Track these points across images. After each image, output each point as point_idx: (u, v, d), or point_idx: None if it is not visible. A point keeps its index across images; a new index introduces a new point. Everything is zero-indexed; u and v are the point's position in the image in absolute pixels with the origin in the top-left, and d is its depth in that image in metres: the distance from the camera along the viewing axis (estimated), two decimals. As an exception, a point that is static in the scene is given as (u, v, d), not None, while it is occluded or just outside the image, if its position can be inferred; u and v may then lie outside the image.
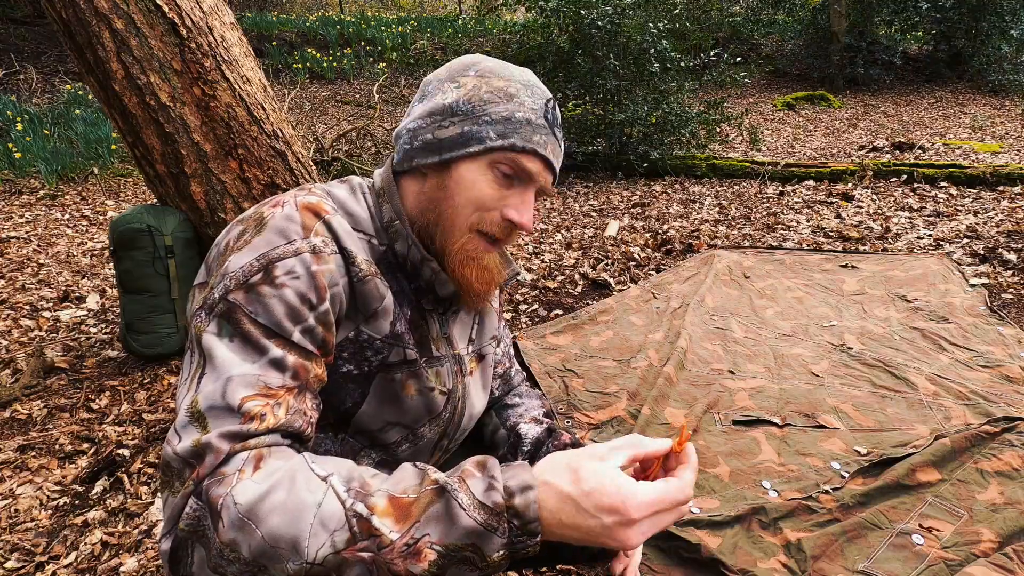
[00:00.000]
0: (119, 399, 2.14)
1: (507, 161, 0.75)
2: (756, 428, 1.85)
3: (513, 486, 0.56)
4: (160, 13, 2.14)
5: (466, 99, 0.76)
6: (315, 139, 6.16)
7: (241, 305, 0.65)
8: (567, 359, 2.35)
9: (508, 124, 0.75)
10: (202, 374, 0.64)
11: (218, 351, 0.64)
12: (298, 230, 0.69)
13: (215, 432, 0.60)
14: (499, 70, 0.79)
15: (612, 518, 0.54)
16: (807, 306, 2.76)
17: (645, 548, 1.38)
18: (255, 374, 0.64)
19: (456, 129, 0.76)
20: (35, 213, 4.64)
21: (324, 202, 0.74)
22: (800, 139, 7.48)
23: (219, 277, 0.67)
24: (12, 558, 1.47)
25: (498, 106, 0.76)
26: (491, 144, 0.75)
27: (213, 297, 0.67)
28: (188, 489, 0.59)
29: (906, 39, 11.75)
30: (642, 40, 5.50)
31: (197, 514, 0.58)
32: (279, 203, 0.72)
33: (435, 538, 0.55)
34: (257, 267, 0.66)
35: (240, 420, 0.61)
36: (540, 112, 0.78)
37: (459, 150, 0.75)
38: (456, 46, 7.00)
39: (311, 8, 14.56)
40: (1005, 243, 3.32)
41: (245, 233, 0.70)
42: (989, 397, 1.91)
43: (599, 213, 4.69)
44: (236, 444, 0.60)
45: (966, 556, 1.31)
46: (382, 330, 0.78)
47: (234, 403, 0.62)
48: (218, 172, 2.29)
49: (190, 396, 0.63)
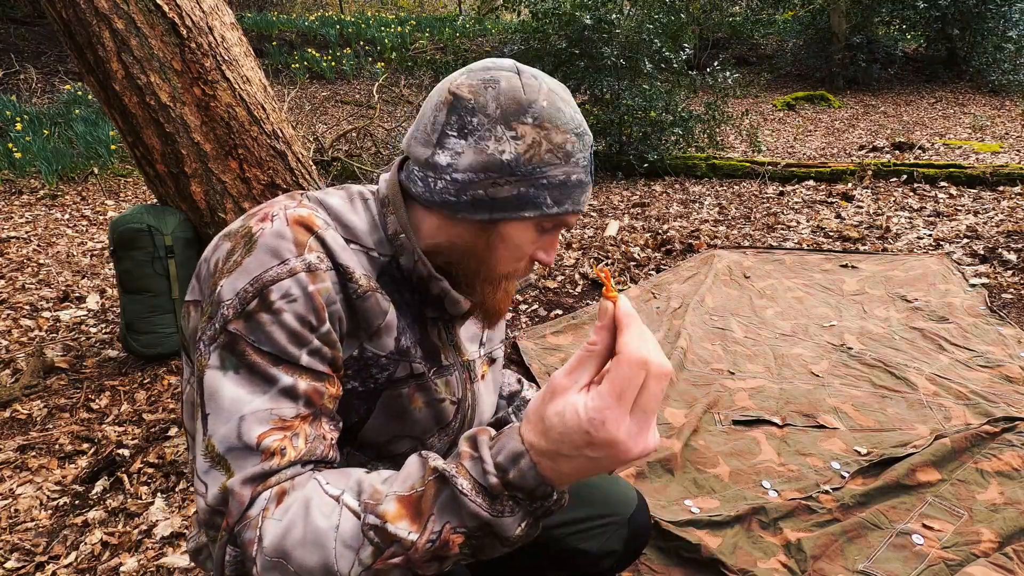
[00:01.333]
0: (119, 399, 2.14)
1: (555, 222, 0.75)
2: (756, 428, 1.85)
3: (503, 460, 0.55)
4: (160, 13, 2.14)
5: (527, 159, 0.71)
6: (315, 139, 6.16)
7: (242, 335, 0.63)
8: (567, 359, 2.34)
9: (564, 189, 0.73)
10: (208, 414, 0.63)
11: (225, 388, 0.63)
12: (290, 247, 0.66)
13: (238, 477, 0.60)
14: (554, 115, 0.72)
15: (591, 450, 0.50)
16: (807, 306, 2.76)
17: (645, 550, 1.38)
18: (267, 408, 0.62)
19: (512, 190, 0.71)
20: (35, 213, 4.64)
21: (315, 215, 0.71)
22: (800, 139, 7.48)
23: (214, 305, 0.65)
24: (12, 558, 1.47)
25: (557, 169, 0.72)
26: (547, 212, 0.73)
27: (214, 328, 0.65)
28: (223, 539, 0.59)
29: (905, 39, 11.76)
30: (638, 39, 5.50)
31: (238, 559, 0.59)
32: (267, 216, 0.69)
33: (455, 523, 0.55)
34: (252, 292, 0.64)
35: (260, 458, 0.60)
36: (588, 167, 0.75)
37: (513, 212, 0.72)
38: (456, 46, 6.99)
39: (311, 8, 14.56)
40: (1005, 243, 3.32)
41: (234, 253, 0.67)
42: (989, 397, 1.91)
43: (599, 213, 4.69)
44: (258, 485, 0.60)
45: (966, 556, 1.31)
46: (386, 347, 0.76)
47: (251, 442, 0.61)
48: (218, 172, 2.29)
49: (204, 440, 0.62)
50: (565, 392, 0.52)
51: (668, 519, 1.45)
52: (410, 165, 0.77)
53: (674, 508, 1.51)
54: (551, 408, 0.52)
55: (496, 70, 0.73)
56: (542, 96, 0.72)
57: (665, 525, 1.40)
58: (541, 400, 0.53)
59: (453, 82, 0.74)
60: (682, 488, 1.60)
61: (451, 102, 0.72)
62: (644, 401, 0.50)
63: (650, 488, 1.59)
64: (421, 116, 0.76)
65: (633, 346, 0.50)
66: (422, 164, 0.74)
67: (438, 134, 0.72)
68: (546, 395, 0.53)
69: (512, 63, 0.76)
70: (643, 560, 1.36)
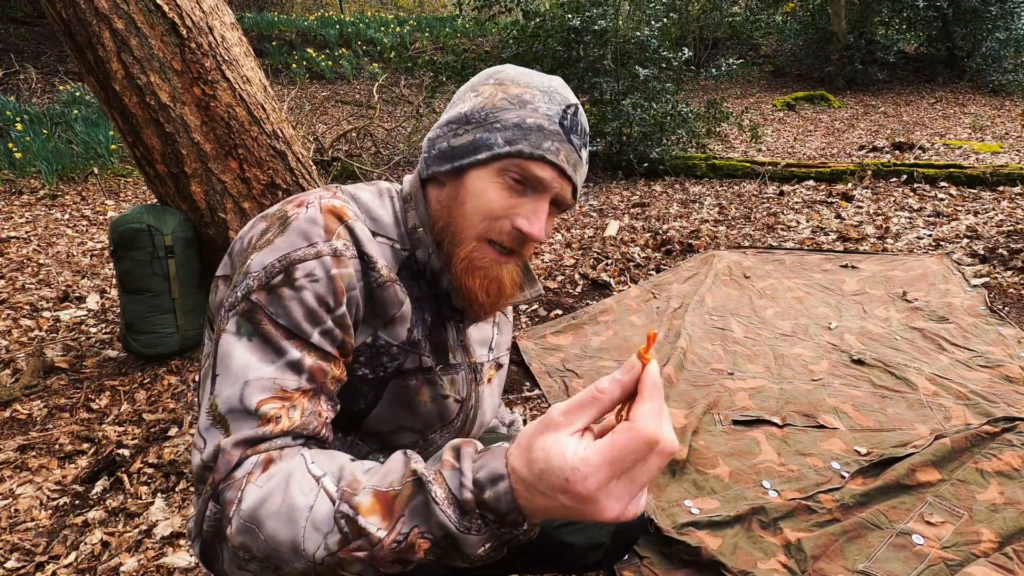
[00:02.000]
0: (119, 399, 2.14)
1: (515, 168, 0.73)
2: (756, 428, 1.85)
3: (482, 478, 0.54)
4: (160, 13, 2.14)
5: (480, 107, 0.76)
6: (315, 139, 6.16)
7: (263, 305, 0.66)
8: (567, 359, 2.35)
9: (518, 130, 0.74)
10: (217, 375, 0.65)
11: (236, 352, 0.65)
12: (320, 233, 0.70)
13: (232, 438, 0.62)
14: (520, 78, 0.77)
15: (565, 497, 0.49)
16: (807, 306, 2.76)
17: (646, 552, 1.38)
18: (271, 377, 0.64)
19: (468, 137, 0.75)
20: (35, 213, 4.64)
21: (347, 207, 0.74)
22: (800, 139, 7.48)
23: (241, 276, 0.68)
24: (12, 558, 1.47)
25: (510, 112, 0.75)
26: (498, 151, 0.73)
27: (235, 295, 0.68)
28: (207, 494, 0.61)
29: (905, 39, 11.76)
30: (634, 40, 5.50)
31: (216, 516, 0.60)
32: (303, 203, 0.72)
33: (423, 529, 0.55)
34: (278, 268, 0.67)
35: (257, 423, 0.62)
36: (555, 118, 0.75)
37: (469, 157, 0.75)
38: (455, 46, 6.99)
39: (311, 8, 14.56)
40: (1005, 243, 3.32)
41: (268, 232, 0.70)
42: (989, 397, 1.91)
43: (599, 213, 4.69)
44: (248, 449, 0.61)
45: (966, 556, 1.31)
46: (399, 336, 0.78)
47: (251, 406, 0.63)
48: (218, 172, 2.29)
49: (208, 398, 0.65)
50: (558, 429, 0.51)
51: (668, 521, 1.45)
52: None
53: (674, 509, 1.51)
54: (540, 441, 0.51)
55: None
56: (514, 69, 0.79)
57: (666, 531, 1.40)
58: (534, 429, 0.52)
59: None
60: (682, 489, 1.60)
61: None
62: (638, 473, 0.48)
63: (650, 489, 1.59)
64: None
65: (648, 421, 0.48)
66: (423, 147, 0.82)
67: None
68: (540, 426, 0.52)
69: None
70: (645, 564, 1.36)
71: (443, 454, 0.58)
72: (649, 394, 0.50)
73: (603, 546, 1.02)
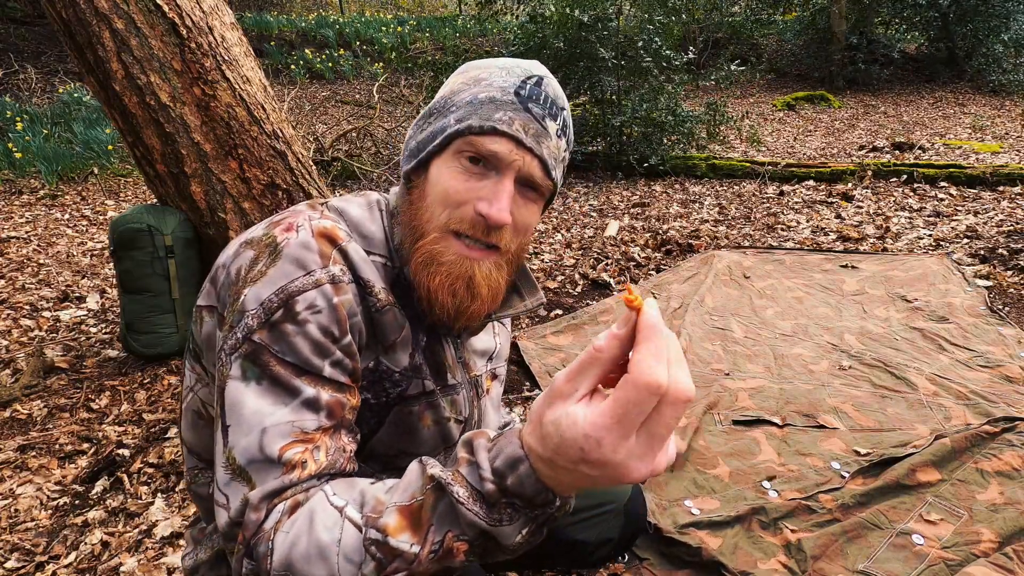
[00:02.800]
0: (119, 399, 2.14)
1: (468, 147, 0.67)
2: (756, 428, 1.85)
3: (500, 466, 0.52)
4: (160, 13, 2.14)
5: (441, 96, 0.73)
6: (315, 139, 6.16)
7: (266, 345, 0.62)
8: (567, 359, 2.34)
9: (469, 107, 0.69)
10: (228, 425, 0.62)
11: (246, 399, 0.61)
12: (315, 259, 0.65)
13: (258, 491, 0.59)
14: (485, 63, 0.73)
15: (586, 467, 0.46)
16: (807, 306, 2.76)
17: (646, 553, 1.38)
18: (289, 420, 0.61)
19: (430, 128, 0.72)
20: (35, 213, 4.64)
21: (338, 227, 0.70)
22: (800, 139, 7.48)
23: (237, 314, 0.64)
24: (12, 558, 1.47)
25: (464, 93, 0.70)
26: (449, 131, 0.68)
27: (235, 337, 0.63)
28: (240, 552, 0.59)
29: (905, 39, 11.76)
30: (637, 38, 5.50)
31: (255, 572, 0.58)
32: (292, 226, 0.67)
33: (456, 532, 0.53)
34: (277, 303, 0.63)
35: (282, 471, 0.59)
36: (510, 89, 0.69)
37: (428, 147, 0.71)
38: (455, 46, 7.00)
39: (311, 8, 14.55)
40: (1005, 243, 3.32)
41: (258, 262, 0.65)
42: (989, 397, 1.91)
43: (599, 213, 4.69)
44: (276, 499, 0.59)
45: (966, 556, 1.31)
46: (401, 362, 0.75)
47: (273, 455, 0.60)
48: (218, 172, 2.29)
49: (224, 452, 0.61)
50: (565, 399, 0.47)
51: (668, 521, 1.45)
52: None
53: (674, 509, 1.51)
54: (549, 414, 0.48)
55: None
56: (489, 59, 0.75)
57: (666, 531, 1.40)
58: (543, 402, 0.50)
59: None
60: (682, 488, 1.60)
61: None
62: (654, 426, 0.44)
63: (650, 487, 1.59)
64: None
65: (645, 366, 0.43)
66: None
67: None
68: (547, 398, 0.49)
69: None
70: (645, 565, 1.36)
71: (457, 452, 0.56)
72: (646, 337, 0.44)
73: (612, 541, 1.04)
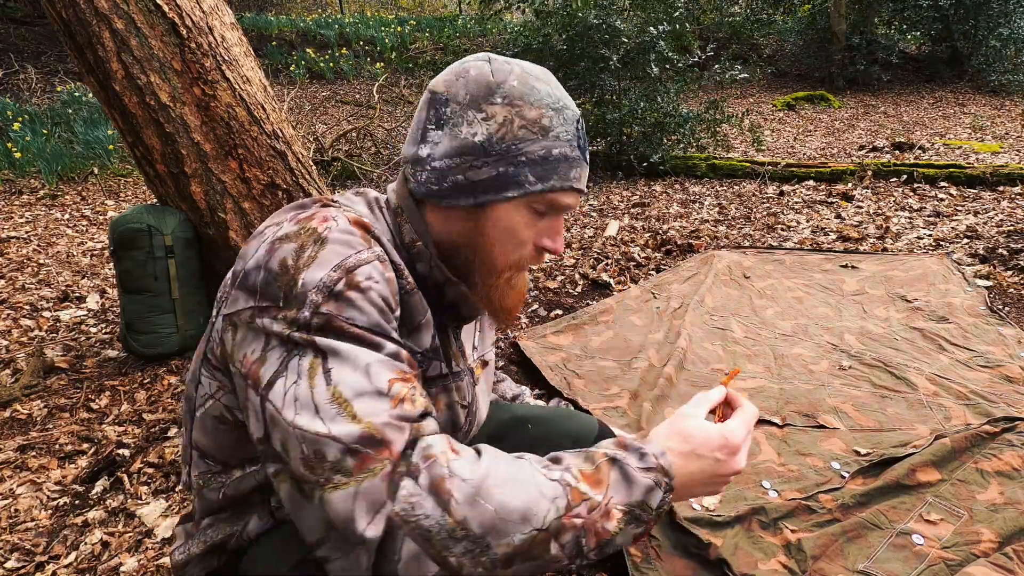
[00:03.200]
0: (119, 399, 2.14)
1: (545, 201, 0.74)
2: (756, 428, 1.85)
3: (654, 451, 0.68)
4: (160, 13, 2.14)
5: (499, 137, 0.71)
6: (315, 139, 6.16)
7: (336, 315, 0.63)
8: (568, 359, 2.34)
9: (546, 164, 0.72)
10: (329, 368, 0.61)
11: (342, 349, 0.62)
12: (360, 241, 0.68)
13: (386, 416, 0.59)
14: (527, 92, 0.72)
15: (723, 453, 0.70)
16: (807, 306, 2.76)
17: (657, 533, 1.39)
18: (385, 360, 0.63)
19: (491, 171, 0.71)
20: (35, 213, 4.64)
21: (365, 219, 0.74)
22: (800, 139, 7.48)
23: (296, 298, 0.63)
24: (12, 558, 1.47)
25: (534, 144, 0.71)
26: (531, 189, 0.72)
27: (303, 316, 0.62)
28: (386, 469, 0.57)
29: (905, 39, 11.75)
30: (640, 41, 5.49)
31: (412, 500, 0.56)
32: (328, 218, 0.69)
33: (618, 500, 0.63)
34: (337, 276, 0.64)
35: (391, 403, 0.60)
36: (575, 141, 0.74)
37: (495, 194, 0.72)
38: (456, 46, 7.00)
39: (311, 8, 14.55)
40: (1005, 243, 3.32)
41: (305, 250, 0.65)
42: (989, 397, 1.91)
43: (599, 213, 4.69)
44: (412, 425, 0.61)
45: (966, 556, 1.31)
46: (423, 343, 0.77)
47: (383, 387, 0.61)
48: (218, 172, 2.29)
49: (322, 389, 0.60)
50: (696, 417, 0.73)
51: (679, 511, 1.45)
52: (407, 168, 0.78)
53: (679, 503, 1.51)
54: (691, 423, 0.72)
55: (469, 61, 0.75)
56: (513, 77, 0.72)
57: (678, 519, 1.40)
58: (671, 422, 0.73)
59: (433, 81, 0.76)
60: (682, 488, 1.60)
61: (429, 99, 0.75)
62: (748, 440, 0.74)
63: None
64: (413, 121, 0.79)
65: (751, 410, 0.77)
66: (411, 162, 0.76)
67: (420, 130, 0.75)
68: (676, 419, 0.73)
69: (486, 54, 0.76)
70: (652, 545, 1.36)
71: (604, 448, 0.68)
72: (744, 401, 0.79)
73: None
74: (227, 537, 0.78)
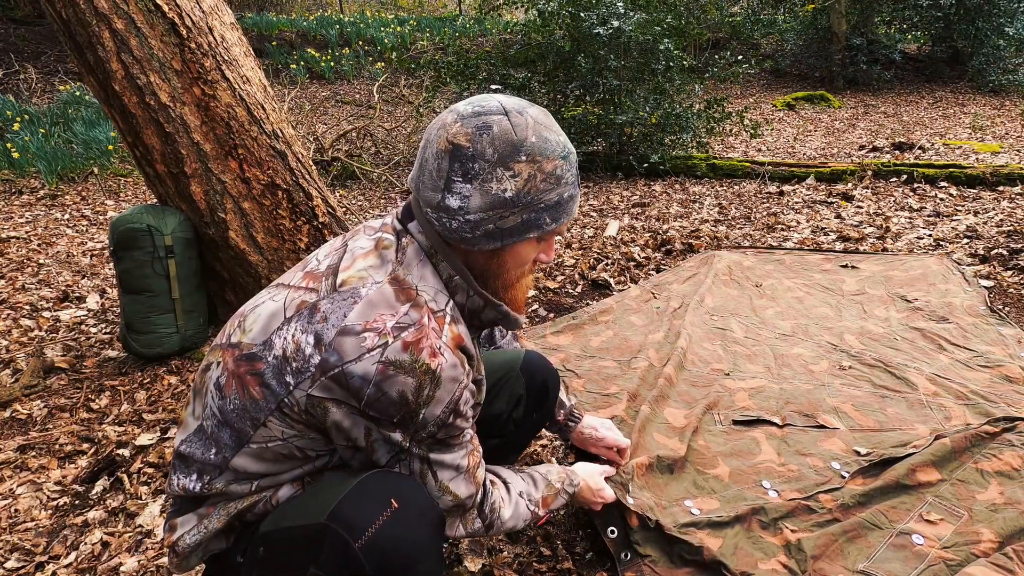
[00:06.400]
0: (119, 399, 2.14)
1: (553, 233, 0.92)
2: (756, 428, 1.85)
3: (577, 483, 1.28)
4: (160, 13, 2.14)
5: (525, 192, 0.85)
6: (315, 139, 6.16)
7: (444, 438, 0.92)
8: (567, 359, 2.34)
9: (559, 207, 0.89)
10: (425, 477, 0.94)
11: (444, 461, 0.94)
12: (462, 372, 0.87)
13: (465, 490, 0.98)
14: (543, 147, 0.85)
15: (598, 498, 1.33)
16: (807, 306, 2.76)
17: (649, 550, 1.39)
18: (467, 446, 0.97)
19: (516, 219, 0.86)
20: (35, 213, 4.64)
21: (456, 326, 0.90)
22: (800, 139, 7.48)
23: (417, 425, 0.86)
24: (12, 558, 1.47)
25: (551, 193, 0.87)
26: (547, 229, 0.89)
27: (421, 437, 0.89)
28: (472, 515, 1.03)
29: (905, 39, 11.75)
30: (644, 40, 5.49)
31: (475, 526, 1.04)
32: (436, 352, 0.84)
33: (553, 507, 1.22)
34: (450, 410, 0.88)
35: (472, 481, 0.99)
36: (575, 181, 0.90)
37: (519, 237, 0.88)
38: (456, 47, 6.99)
39: (311, 8, 14.55)
40: (1005, 243, 3.32)
41: (424, 387, 0.83)
42: (989, 397, 1.91)
43: (599, 213, 4.69)
44: (480, 492, 1.02)
45: (966, 556, 1.31)
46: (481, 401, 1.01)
47: (465, 468, 0.97)
48: (218, 172, 2.29)
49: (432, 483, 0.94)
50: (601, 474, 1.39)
51: (669, 520, 1.45)
52: (422, 207, 0.90)
53: (674, 509, 1.51)
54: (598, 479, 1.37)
55: (486, 115, 0.84)
56: (530, 132, 0.85)
57: (667, 529, 1.40)
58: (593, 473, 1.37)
59: (448, 130, 0.84)
60: (682, 488, 1.60)
61: (451, 150, 0.83)
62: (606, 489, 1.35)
63: (650, 487, 1.59)
64: (424, 162, 0.87)
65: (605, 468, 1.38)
66: (434, 207, 0.87)
67: (444, 180, 0.84)
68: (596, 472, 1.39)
69: (498, 104, 0.85)
70: (647, 563, 1.36)
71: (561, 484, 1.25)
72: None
73: (521, 396, 1.31)
74: (252, 504, 0.91)
